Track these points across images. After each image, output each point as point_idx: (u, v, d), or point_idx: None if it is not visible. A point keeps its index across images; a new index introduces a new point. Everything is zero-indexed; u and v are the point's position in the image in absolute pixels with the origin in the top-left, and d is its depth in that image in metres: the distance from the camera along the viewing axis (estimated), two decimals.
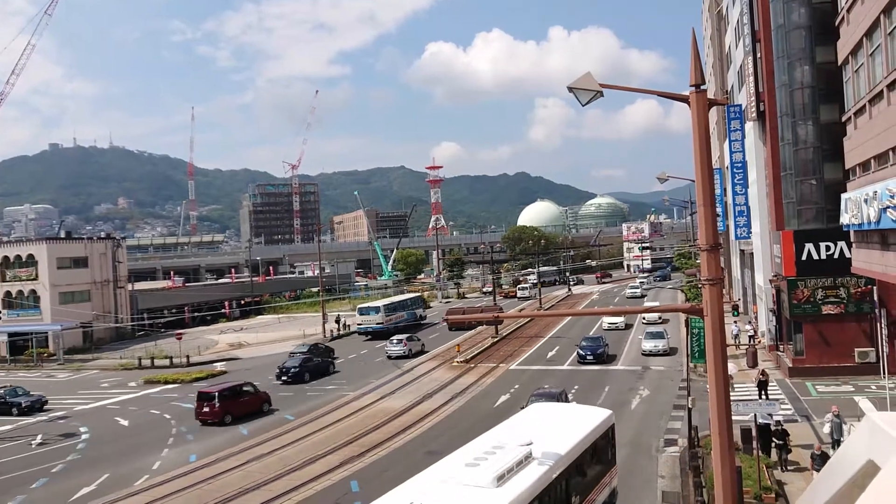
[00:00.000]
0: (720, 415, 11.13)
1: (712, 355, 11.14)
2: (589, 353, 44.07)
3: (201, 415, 35.44)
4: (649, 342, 45.58)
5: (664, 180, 47.15)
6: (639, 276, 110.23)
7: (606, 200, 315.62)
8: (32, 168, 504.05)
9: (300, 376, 45.34)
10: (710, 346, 11.24)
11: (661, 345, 44.98)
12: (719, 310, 11.15)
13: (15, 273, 72.76)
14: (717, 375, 11.14)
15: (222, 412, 35.15)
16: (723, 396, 11.14)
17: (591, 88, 11.05)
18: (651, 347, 45.14)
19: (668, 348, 45.12)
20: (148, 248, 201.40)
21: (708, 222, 11.32)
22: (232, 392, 36.31)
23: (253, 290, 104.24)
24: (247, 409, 36.42)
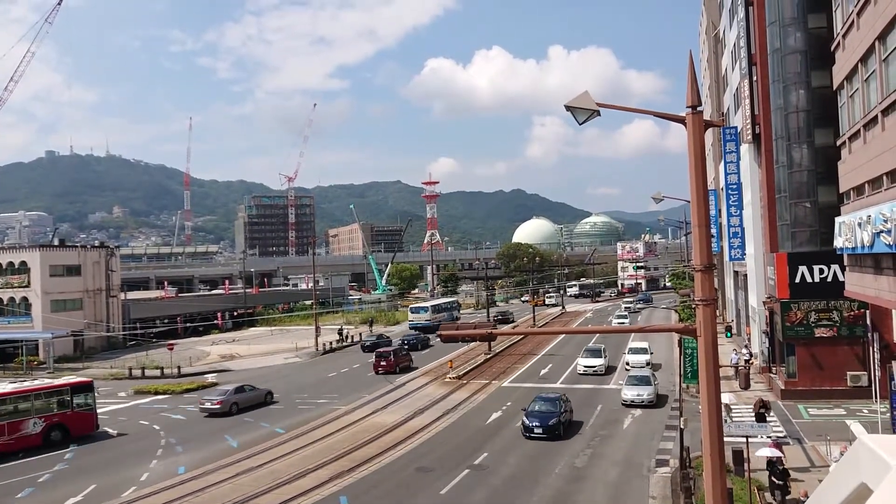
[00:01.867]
0: (712, 436, 11.10)
1: (705, 376, 11.13)
2: (537, 422, 31.27)
3: (380, 367, 51.19)
4: (631, 389, 37.07)
5: (659, 200, 47.27)
6: (624, 300, 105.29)
7: (602, 219, 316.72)
8: (28, 175, 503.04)
9: None
10: (702, 367, 11.23)
11: (647, 393, 36.66)
12: (712, 330, 11.16)
13: (7, 280, 72.37)
14: (709, 396, 11.13)
15: (395, 365, 51.36)
16: (715, 417, 11.12)
17: (588, 107, 11.11)
18: (633, 397, 36.61)
19: (653, 398, 36.61)
20: (142, 258, 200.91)
21: (702, 243, 11.34)
22: (396, 352, 53.44)
23: (246, 302, 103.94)
24: (405, 363, 53.26)
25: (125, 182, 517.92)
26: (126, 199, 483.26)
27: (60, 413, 35.96)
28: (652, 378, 38.36)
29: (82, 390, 37.62)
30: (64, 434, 35.73)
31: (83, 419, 36.82)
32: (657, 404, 36.68)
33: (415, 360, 56.08)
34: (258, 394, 43.06)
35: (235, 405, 40.79)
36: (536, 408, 32.71)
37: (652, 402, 36.50)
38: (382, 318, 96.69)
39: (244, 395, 41.96)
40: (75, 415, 36.41)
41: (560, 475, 26.20)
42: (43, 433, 34.96)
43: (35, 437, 34.66)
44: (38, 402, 35.61)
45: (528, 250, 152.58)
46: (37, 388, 36.54)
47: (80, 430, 36.38)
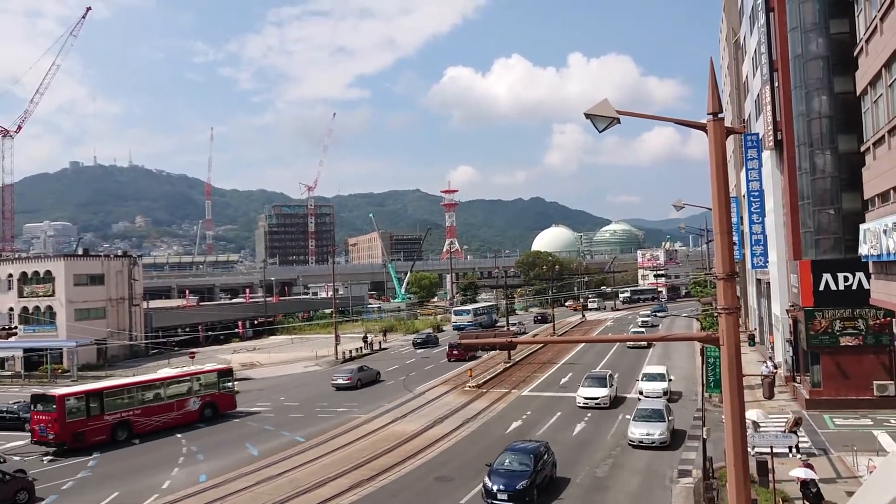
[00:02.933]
0: (736, 446, 10.97)
1: (728, 385, 11.02)
2: (502, 485, 23.69)
3: (452, 356, 60.14)
4: (640, 426, 30.61)
5: (680, 208, 46.91)
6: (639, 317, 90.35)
7: (621, 227, 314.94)
8: (53, 185, 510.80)
9: None
10: (726, 376, 11.12)
11: (659, 432, 29.99)
12: (735, 339, 11.06)
13: (32, 289, 73.42)
14: (732, 406, 11.01)
15: (464, 355, 59.22)
16: (738, 427, 11.00)
17: (608, 115, 11.08)
18: (641, 436, 30.14)
19: (666, 437, 30.01)
20: (164, 267, 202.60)
21: (725, 251, 11.24)
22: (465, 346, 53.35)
23: (266, 311, 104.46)
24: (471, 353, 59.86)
25: (148, 192, 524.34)
26: (148, 209, 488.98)
27: (211, 394, 42.76)
28: (666, 412, 31.82)
29: (226, 375, 44.57)
30: (214, 411, 42.36)
31: (227, 399, 43.73)
32: (671, 445, 30.22)
33: (439, 367, 57.20)
34: (372, 373, 53.41)
35: (360, 381, 50.71)
36: (505, 463, 24.98)
37: (665, 442, 29.99)
38: (402, 327, 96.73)
39: (364, 373, 52.19)
40: (221, 395, 43.38)
41: (581, 485, 26.00)
42: (199, 410, 41.68)
43: (194, 414, 41.38)
44: (196, 385, 42.30)
45: (548, 258, 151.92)
46: (194, 373, 43.55)
47: (225, 408, 43.11)
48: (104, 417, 37.18)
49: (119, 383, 41.14)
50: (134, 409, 38.64)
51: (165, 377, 42.23)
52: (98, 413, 37.06)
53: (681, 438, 31.44)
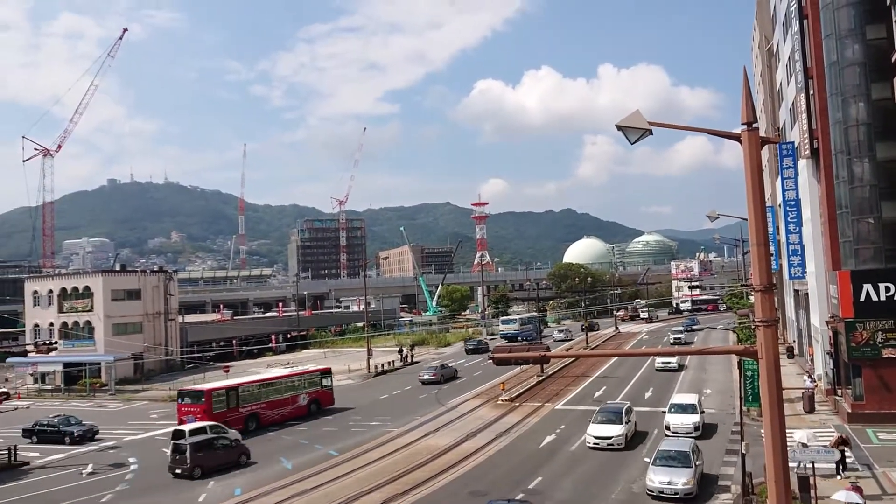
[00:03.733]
0: (776, 461, 10.72)
1: (767, 399, 10.78)
2: None
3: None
4: (661, 472, 26.06)
5: (714, 218, 46.20)
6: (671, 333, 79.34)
7: (654, 238, 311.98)
8: (91, 202, 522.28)
9: None
10: (765, 390, 10.88)
11: (683, 480, 25.44)
12: (774, 352, 10.82)
13: (72, 304, 74.91)
14: (772, 420, 10.77)
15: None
16: (779, 442, 10.75)
17: (639, 127, 10.98)
18: (663, 484, 25.64)
19: (692, 487, 25.36)
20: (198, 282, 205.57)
21: (762, 262, 11.04)
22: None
23: (299, 325, 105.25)
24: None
25: (182, 208, 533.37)
26: (183, 225, 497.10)
27: (315, 390, 48.58)
28: (694, 454, 26.79)
29: (326, 374, 50.39)
30: (318, 406, 48.08)
31: (327, 396, 49.53)
32: (698, 496, 25.54)
33: (472, 380, 57.39)
34: (451, 370, 61.06)
35: (443, 376, 58.46)
36: None
37: (690, 493, 25.23)
38: (433, 340, 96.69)
39: (445, 370, 60.11)
40: (323, 392, 49.26)
41: (617, 500, 25.64)
42: (308, 405, 47.37)
43: (304, 409, 46.97)
44: (303, 383, 48.07)
45: (580, 270, 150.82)
46: (302, 372, 50.06)
47: (326, 404, 49.00)
48: (239, 410, 42.66)
49: (250, 380, 47.05)
50: (261, 404, 44.28)
51: (285, 375, 48.75)
52: (235, 406, 42.65)
53: (710, 485, 26.80)
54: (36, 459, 38.62)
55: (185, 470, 32.41)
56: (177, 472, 32.68)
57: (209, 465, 32.95)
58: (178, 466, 32.72)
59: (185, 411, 41.86)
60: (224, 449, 34.40)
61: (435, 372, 58.88)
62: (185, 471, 32.45)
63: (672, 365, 57.33)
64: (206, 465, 32.79)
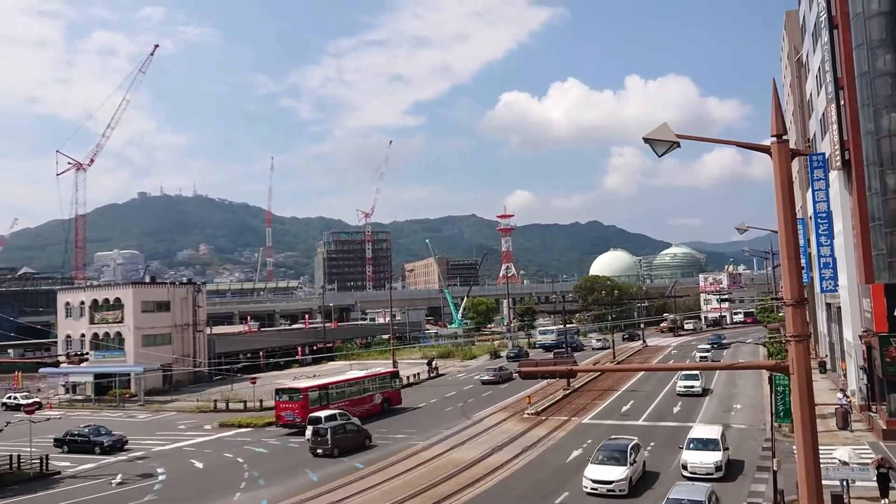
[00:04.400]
0: (809, 479, 10.53)
1: (800, 416, 10.60)
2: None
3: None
4: None
5: (744, 231, 45.59)
6: (697, 352, 76.54)
7: (682, 250, 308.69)
8: (122, 215, 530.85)
9: None
10: (797, 407, 10.71)
11: None
12: (806, 368, 10.65)
13: (103, 315, 76.03)
14: (805, 437, 10.58)
15: None
16: (811, 459, 10.55)
17: (667, 139, 10.92)
18: None
19: None
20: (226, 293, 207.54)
21: (793, 276, 10.89)
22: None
23: (325, 336, 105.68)
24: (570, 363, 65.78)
25: (211, 220, 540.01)
26: (211, 237, 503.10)
27: (387, 390, 53.33)
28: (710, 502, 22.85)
29: (396, 376, 56.13)
30: (388, 405, 52.42)
31: (397, 395, 54.37)
32: None
33: (498, 392, 56.94)
34: (508, 372, 64.71)
35: (500, 377, 64.32)
36: None
37: None
38: (458, 353, 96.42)
39: (503, 372, 65.77)
40: (394, 392, 54.16)
41: None
42: (381, 404, 51.86)
43: (378, 406, 51.27)
44: (377, 383, 52.69)
45: (607, 283, 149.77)
46: (376, 374, 54.44)
47: (395, 403, 53.53)
48: (329, 407, 45.58)
49: (337, 380, 51.32)
50: (345, 401, 48.18)
51: (363, 376, 52.74)
52: (326, 403, 46.56)
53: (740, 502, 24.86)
54: (67, 469, 39.14)
55: (327, 450, 37.19)
56: (317, 452, 37.50)
57: (344, 446, 37.85)
58: (319, 447, 37.55)
59: (283, 407, 46.31)
60: (353, 433, 39.67)
61: (494, 373, 65.26)
62: (326, 451, 37.23)
63: (695, 390, 50.90)
64: (342, 446, 37.70)
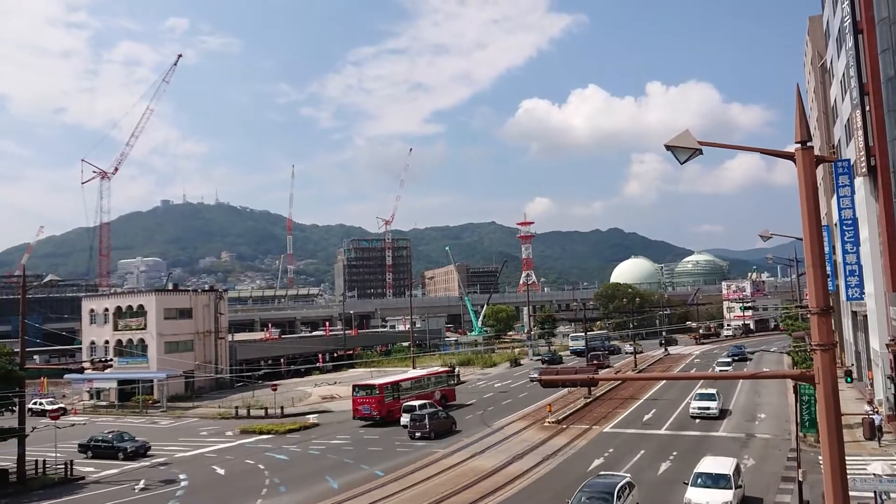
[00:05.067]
0: (836, 490, 10.33)
1: (826, 426, 10.42)
2: None
3: (593, 364, 60.86)
4: None
5: (767, 238, 45.10)
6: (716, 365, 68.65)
7: (704, 257, 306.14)
8: (145, 223, 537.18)
9: None
10: (823, 417, 10.53)
11: None
12: (832, 377, 10.47)
13: (126, 322, 76.85)
14: (831, 448, 10.40)
15: (600, 365, 65.84)
16: (838, 470, 10.37)
17: (689, 146, 10.83)
18: None
19: None
20: (247, 301, 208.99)
21: (818, 284, 10.73)
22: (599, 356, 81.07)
23: (346, 344, 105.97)
24: (605, 365, 73.05)
25: (232, 228, 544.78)
26: (233, 245, 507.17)
27: (444, 387, 58.67)
28: None
29: (452, 374, 63.28)
30: (445, 401, 56.56)
31: (452, 392, 59.91)
32: None
33: (517, 401, 56.44)
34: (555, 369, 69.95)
35: None
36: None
37: None
38: (479, 361, 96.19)
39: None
40: (449, 389, 59.77)
41: None
42: (440, 400, 55.46)
43: (437, 402, 53.54)
44: (436, 381, 58.18)
45: (628, 290, 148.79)
46: (435, 372, 61.13)
47: (451, 399, 58.42)
48: (399, 401, 51.20)
49: (404, 377, 57.08)
50: (412, 396, 52.33)
51: (427, 374, 59.23)
52: (396, 398, 51.79)
53: None
54: (91, 474, 39.57)
55: (425, 433, 43.03)
56: (416, 436, 43.23)
57: (438, 429, 43.45)
58: (418, 430, 43.47)
59: (361, 402, 51.37)
60: (443, 419, 45.44)
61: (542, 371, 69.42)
62: (424, 433, 43.08)
63: (711, 412, 45.11)
64: (437, 430, 43.29)
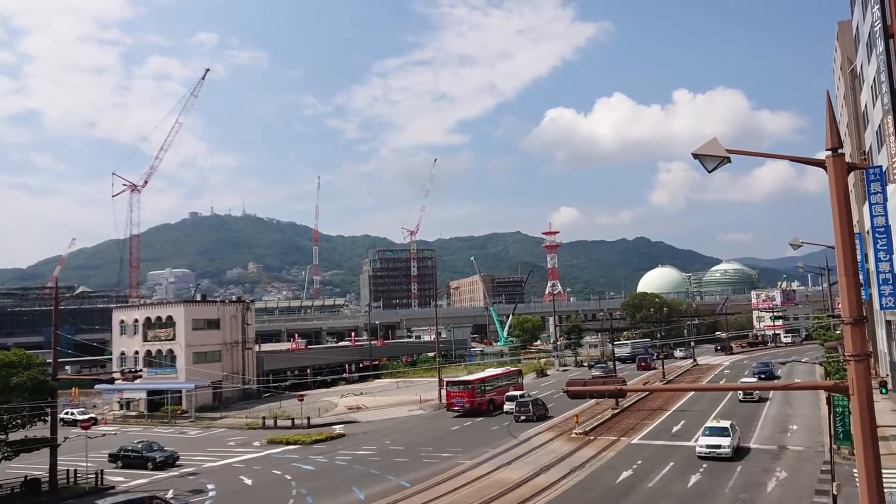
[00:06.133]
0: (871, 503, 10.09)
1: (861, 438, 10.20)
2: None
3: (640, 367, 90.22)
4: None
5: (798, 246, 44.32)
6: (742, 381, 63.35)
7: (733, 266, 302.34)
8: (174, 235, 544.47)
9: None
10: (858, 429, 10.30)
11: None
12: (867, 388, 10.25)
13: (155, 333, 77.73)
14: (867, 460, 10.16)
15: (647, 367, 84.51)
16: (874, 484, 10.12)
17: (717, 154, 10.72)
18: None
19: None
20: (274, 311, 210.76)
21: (851, 294, 10.53)
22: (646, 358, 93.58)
23: (371, 354, 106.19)
24: (652, 367, 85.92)
25: (259, 239, 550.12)
26: (260, 256, 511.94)
27: (515, 384, 66.64)
28: None
29: (520, 373, 72.50)
30: None
31: (521, 387, 66.62)
32: None
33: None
34: (609, 368, 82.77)
35: (606, 373, 77.71)
36: None
37: None
38: None
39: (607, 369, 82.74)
40: (518, 385, 67.40)
41: None
42: None
43: None
44: (508, 379, 66.88)
45: (655, 300, 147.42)
46: (509, 371, 70.83)
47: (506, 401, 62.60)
48: (486, 395, 60.69)
49: (488, 375, 66.06)
50: (493, 392, 61.75)
51: (503, 372, 68.78)
52: (483, 392, 60.72)
53: None
54: (120, 484, 39.99)
55: (529, 416, 52.20)
56: (520, 419, 52.36)
57: (538, 414, 52.84)
58: (523, 414, 52.77)
59: (455, 395, 59.97)
60: (541, 405, 55.19)
61: (603, 370, 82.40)
62: (528, 416, 52.21)
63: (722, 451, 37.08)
64: (537, 414, 52.70)
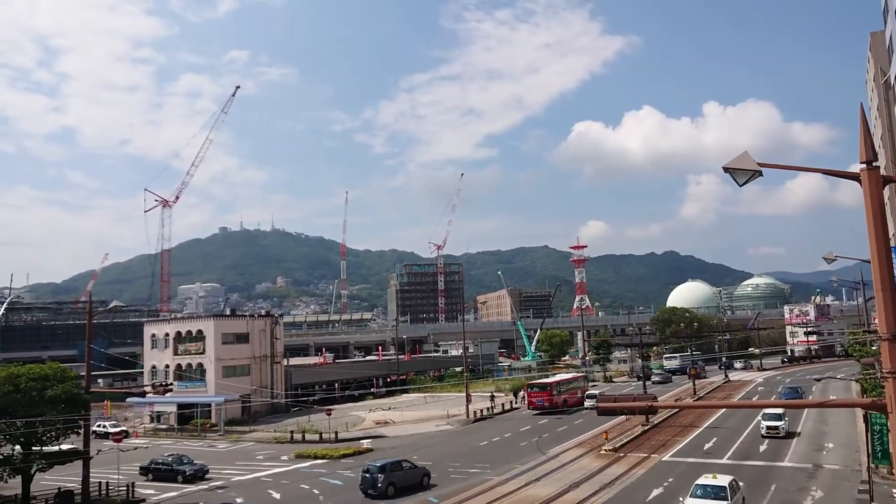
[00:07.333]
0: None
1: None
2: None
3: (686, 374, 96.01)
4: None
5: (832, 260, 43.54)
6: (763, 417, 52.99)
7: (765, 280, 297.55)
8: (204, 249, 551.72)
9: None
10: None
11: None
12: None
13: (186, 347, 78.55)
14: None
15: (695, 375, 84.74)
16: None
17: (748, 168, 10.61)
18: None
19: None
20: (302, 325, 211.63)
21: (888, 308, 10.31)
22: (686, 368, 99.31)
23: (399, 369, 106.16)
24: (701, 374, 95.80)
25: (288, 254, 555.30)
26: (288, 270, 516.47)
27: (583, 387, 76.97)
28: None
29: (586, 378, 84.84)
30: (582, 395, 72.81)
31: (586, 390, 76.12)
32: None
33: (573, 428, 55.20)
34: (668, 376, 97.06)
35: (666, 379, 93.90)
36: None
37: None
38: None
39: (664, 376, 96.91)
40: (584, 388, 77.12)
41: None
42: (581, 398, 72.31)
43: (580, 400, 71.95)
44: (576, 383, 76.52)
45: (685, 315, 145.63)
46: (577, 376, 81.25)
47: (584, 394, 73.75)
48: (561, 396, 69.83)
49: (563, 378, 76.58)
50: (566, 394, 71.00)
51: (573, 377, 79.22)
52: (559, 393, 69.78)
53: None
54: (151, 497, 40.34)
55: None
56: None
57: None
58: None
59: (535, 395, 68.81)
60: None
61: (662, 375, 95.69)
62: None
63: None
64: None
